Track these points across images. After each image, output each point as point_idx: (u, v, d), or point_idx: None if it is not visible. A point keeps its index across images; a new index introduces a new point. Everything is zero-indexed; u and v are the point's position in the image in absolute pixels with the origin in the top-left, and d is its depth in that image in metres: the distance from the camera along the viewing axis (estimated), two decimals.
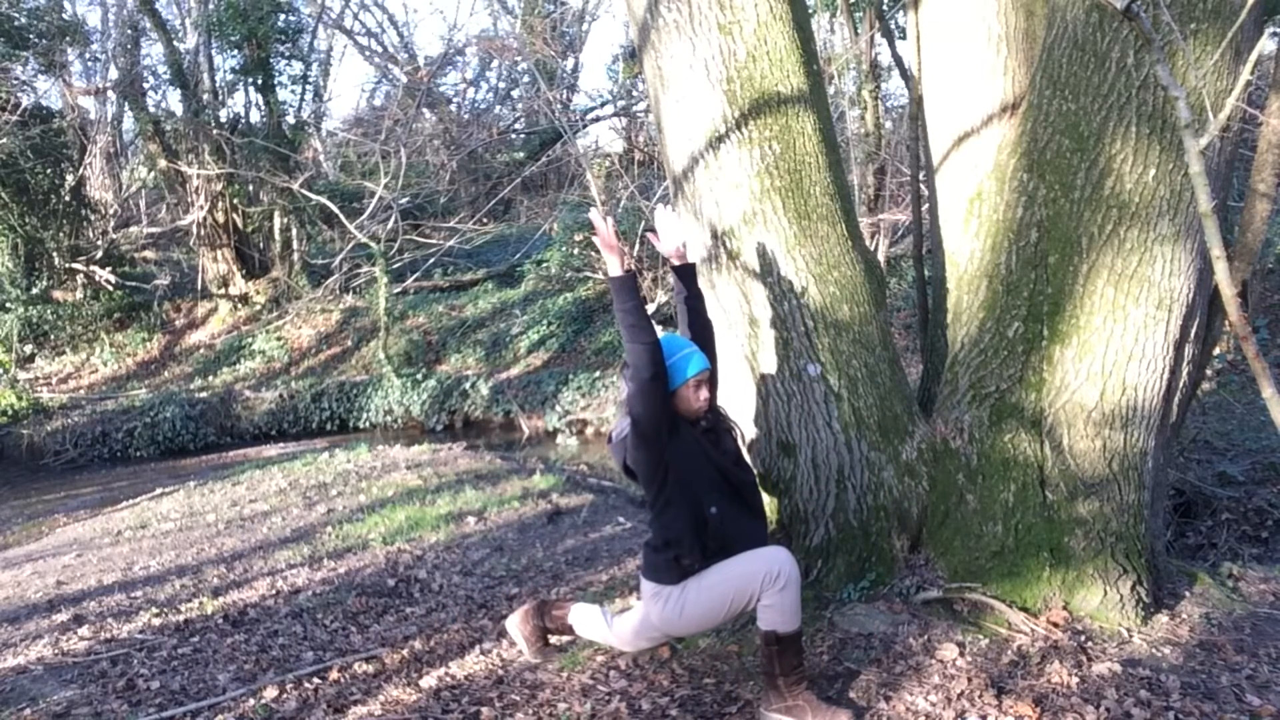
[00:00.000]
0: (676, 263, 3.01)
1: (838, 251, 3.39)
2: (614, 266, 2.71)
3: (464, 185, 19.10)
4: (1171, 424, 3.52)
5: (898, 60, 7.50)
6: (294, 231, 16.05)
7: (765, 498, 3.45)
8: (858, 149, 12.52)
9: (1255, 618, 3.30)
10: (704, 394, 2.77)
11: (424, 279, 15.08)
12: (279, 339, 14.47)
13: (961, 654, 2.95)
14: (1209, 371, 7.43)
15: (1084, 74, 3.12)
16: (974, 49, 3.73)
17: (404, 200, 14.61)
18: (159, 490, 8.44)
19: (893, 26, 10.65)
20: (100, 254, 15.26)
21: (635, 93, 18.92)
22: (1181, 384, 3.42)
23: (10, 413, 12.20)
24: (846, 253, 3.42)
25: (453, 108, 21.92)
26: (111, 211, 16.69)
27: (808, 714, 2.62)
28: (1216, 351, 7.21)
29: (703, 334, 2.98)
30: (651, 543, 2.82)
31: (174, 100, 17.66)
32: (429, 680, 3.31)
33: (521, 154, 19.35)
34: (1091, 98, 3.10)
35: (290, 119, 16.21)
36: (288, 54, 15.73)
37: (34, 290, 14.27)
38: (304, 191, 14.06)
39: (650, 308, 10.87)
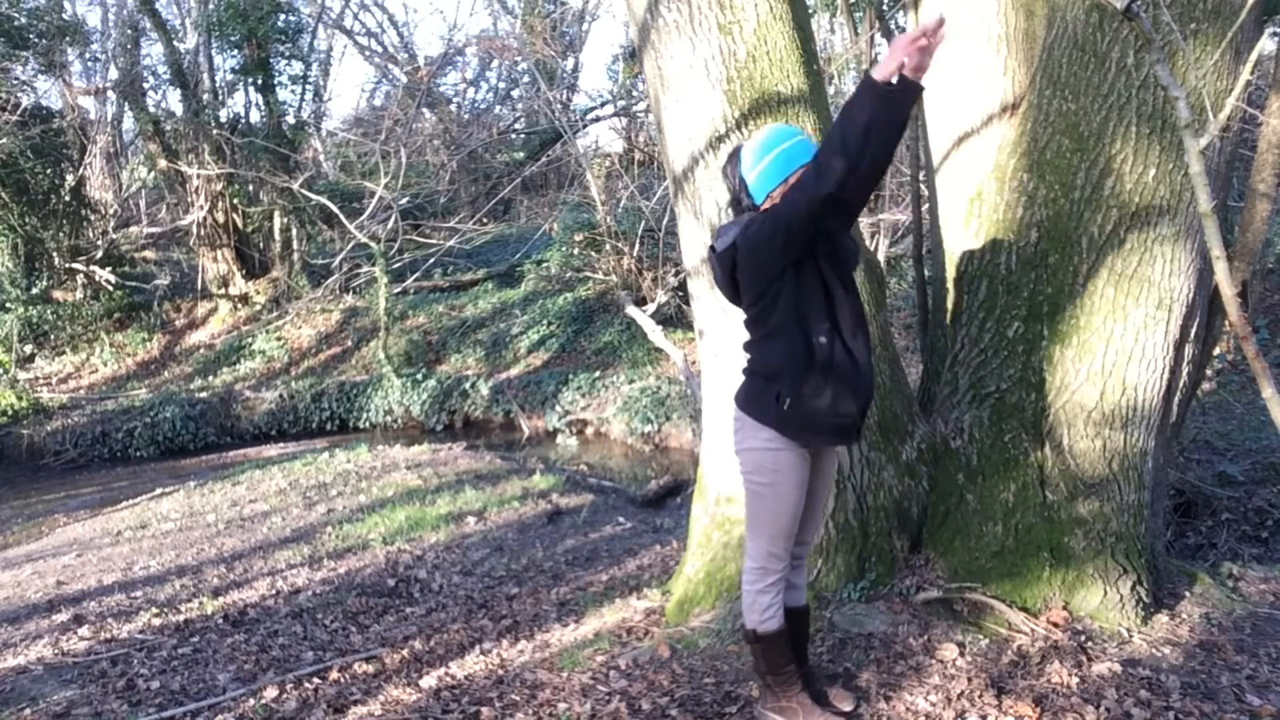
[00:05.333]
0: (892, 76, 2.12)
1: None
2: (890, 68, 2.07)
3: (464, 185, 19.08)
4: (1171, 424, 3.52)
5: None
6: (294, 231, 16.04)
7: None
8: None
9: (1255, 618, 3.30)
10: None
11: (424, 279, 15.06)
12: (279, 339, 14.45)
13: (961, 654, 2.95)
14: (1209, 371, 7.42)
15: (1084, 74, 3.12)
16: (974, 49, 3.73)
17: (404, 200, 14.59)
18: (159, 490, 8.43)
19: (893, 26, 10.63)
20: (100, 254, 15.23)
21: (635, 93, 18.91)
22: (1181, 384, 3.42)
23: (10, 413, 12.19)
24: None
25: (453, 108, 21.91)
26: (111, 211, 16.66)
27: (799, 715, 2.60)
28: (1216, 351, 7.20)
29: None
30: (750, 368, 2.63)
31: (174, 100, 17.63)
32: (429, 680, 3.31)
33: (521, 154, 19.32)
34: (1091, 98, 3.10)
35: (290, 119, 16.19)
36: (288, 54, 15.71)
37: (34, 290, 14.24)
38: (304, 191, 14.04)
39: (650, 308, 10.85)
